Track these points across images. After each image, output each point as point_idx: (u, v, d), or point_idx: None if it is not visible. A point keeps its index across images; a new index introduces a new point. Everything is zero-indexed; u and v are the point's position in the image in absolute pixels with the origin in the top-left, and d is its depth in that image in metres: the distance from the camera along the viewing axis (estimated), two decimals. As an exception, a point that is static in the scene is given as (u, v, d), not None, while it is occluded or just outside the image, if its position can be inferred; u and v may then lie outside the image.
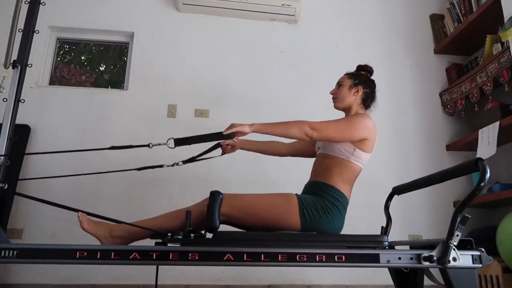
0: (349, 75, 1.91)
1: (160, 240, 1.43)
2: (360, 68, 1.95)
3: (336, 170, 1.68)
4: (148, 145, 1.66)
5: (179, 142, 1.70)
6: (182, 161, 1.81)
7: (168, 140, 1.69)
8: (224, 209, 1.53)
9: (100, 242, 1.56)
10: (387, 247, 1.44)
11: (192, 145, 1.71)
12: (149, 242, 1.46)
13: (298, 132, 1.61)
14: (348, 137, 1.67)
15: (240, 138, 1.74)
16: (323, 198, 1.62)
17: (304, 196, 1.64)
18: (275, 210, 1.57)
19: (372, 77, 1.96)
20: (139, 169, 1.75)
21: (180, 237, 1.37)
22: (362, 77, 1.89)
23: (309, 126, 1.61)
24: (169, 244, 1.37)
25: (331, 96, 1.92)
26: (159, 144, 1.67)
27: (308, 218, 1.56)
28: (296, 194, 1.64)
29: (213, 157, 1.94)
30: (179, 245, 1.34)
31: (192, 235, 1.40)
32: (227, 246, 1.32)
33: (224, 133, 1.69)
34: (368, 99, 1.88)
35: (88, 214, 1.53)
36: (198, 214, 1.52)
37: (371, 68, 1.96)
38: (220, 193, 1.51)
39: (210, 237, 1.44)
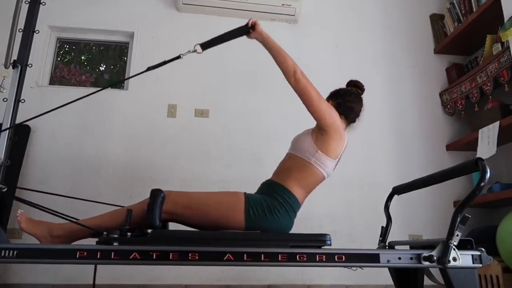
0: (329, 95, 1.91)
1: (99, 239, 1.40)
2: (347, 83, 1.96)
3: (295, 172, 1.67)
4: (179, 57, 1.67)
5: (205, 45, 1.76)
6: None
7: (195, 46, 1.73)
8: (168, 207, 1.51)
9: (39, 242, 1.52)
10: (330, 245, 1.42)
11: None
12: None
13: (291, 66, 1.65)
14: (319, 109, 1.64)
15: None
16: (272, 198, 1.60)
17: (253, 195, 1.62)
18: (220, 208, 1.55)
19: (361, 89, 1.92)
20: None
21: (116, 236, 1.34)
22: (335, 91, 1.89)
23: (301, 70, 1.65)
24: (115, 244, 1.33)
25: None
26: (189, 52, 1.69)
27: (253, 216, 1.54)
28: (245, 192, 1.61)
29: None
30: (117, 244, 1.32)
31: (129, 233, 1.37)
32: (164, 245, 1.30)
33: (241, 26, 1.74)
34: (341, 108, 1.80)
35: (31, 205, 1.49)
36: (140, 213, 1.49)
37: (356, 82, 1.93)
38: (161, 191, 1.48)
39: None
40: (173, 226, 1.64)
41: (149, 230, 1.45)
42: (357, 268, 1.57)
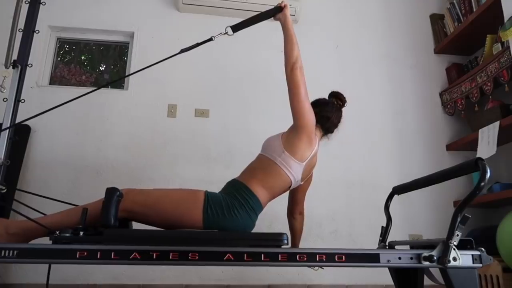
0: None
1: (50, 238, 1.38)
2: (329, 94, 1.97)
3: (260, 173, 1.66)
4: (211, 39, 1.71)
5: (237, 27, 1.80)
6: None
7: (226, 28, 1.78)
8: (126, 205, 1.49)
9: None
10: (287, 245, 1.40)
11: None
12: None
13: (294, 57, 1.72)
14: (302, 108, 1.64)
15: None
16: (233, 197, 1.58)
17: (213, 193, 1.60)
18: (179, 207, 1.53)
19: (342, 101, 1.94)
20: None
21: (68, 234, 1.32)
22: (315, 101, 1.89)
23: (301, 65, 1.72)
24: (76, 243, 1.32)
25: None
26: (220, 34, 1.74)
27: (212, 215, 1.52)
28: (206, 191, 1.60)
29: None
30: (69, 243, 1.30)
31: (81, 232, 1.35)
32: (117, 244, 1.28)
33: (274, 8, 1.81)
34: (318, 116, 1.78)
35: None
36: (97, 211, 1.45)
37: (337, 93, 1.94)
38: (117, 189, 1.46)
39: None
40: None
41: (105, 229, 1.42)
42: (318, 268, 1.57)
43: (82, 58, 3.19)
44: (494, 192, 2.52)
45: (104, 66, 3.18)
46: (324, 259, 1.30)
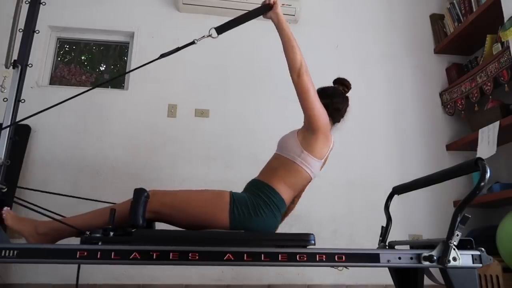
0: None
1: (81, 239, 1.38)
2: (333, 82, 1.94)
3: (280, 171, 1.66)
4: (193, 42, 1.63)
5: (221, 29, 1.70)
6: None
7: (210, 30, 1.68)
8: (153, 206, 1.50)
9: (26, 240, 1.53)
10: (314, 245, 1.40)
11: None
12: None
13: (299, 60, 1.65)
14: (314, 111, 1.62)
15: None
16: (257, 197, 1.59)
17: (238, 193, 1.61)
18: (205, 207, 1.54)
19: (348, 87, 1.92)
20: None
21: (99, 235, 1.34)
22: (324, 89, 1.85)
23: (306, 68, 1.64)
24: (100, 243, 1.33)
25: None
26: (204, 37, 1.64)
27: (238, 216, 1.52)
28: (231, 191, 1.60)
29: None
30: (100, 243, 1.31)
31: (111, 233, 1.36)
32: (146, 245, 1.29)
33: (260, 6, 1.69)
34: (329, 109, 1.77)
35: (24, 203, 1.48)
36: (124, 212, 1.47)
37: (343, 80, 1.92)
38: (145, 190, 1.48)
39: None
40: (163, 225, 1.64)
41: (133, 230, 1.43)
42: (342, 268, 1.57)
43: (82, 58, 3.19)
44: (494, 192, 2.52)
45: (104, 66, 3.18)
46: (324, 259, 1.30)
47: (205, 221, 1.53)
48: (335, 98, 1.83)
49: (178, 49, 1.63)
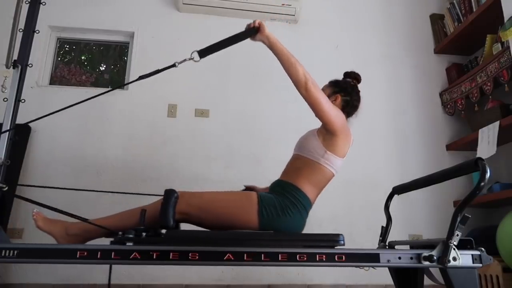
0: (330, 83, 1.89)
1: (113, 239, 1.40)
2: (345, 74, 1.93)
3: (304, 171, 1.67)
4: (174, 65, 1.61)
5: (204, 52, 1.66)
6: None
7: (192, 53, 1.65)
8: (181, 207, 1.51)
9: (56, 241, 1.54)
10: (344, 246, 1.42)
11: None
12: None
13: (302, 75, 1.59)
14: (330, 117, 1.62)
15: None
16: (284, 197, 1.60)
17: (265, 194, 1.62)
18: (233, 208, 1.55)
19: (360, 82, 1.91)
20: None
21: (132, 236, 1.34)
22: (343, 84, 1.86)
23: (313, 79, 1.60)
24: (128, 243, 1.34)
25: None
26: (185, 60, 1.62)
27: (266, 216, 1.54)
28: (257, 192, 1.61)
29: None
30: (131, 244, 1.32)
31: (144, 233, 1.38)
32: (179, 245, 1.30)
33: (245, 30, 1.67)
34: (348, 107, 1.83)
35: (63, 213, 1.49)
36: (153, 213, 1.49)
37: (357, 74, 1.91)
38: (175, 191, 1.48)
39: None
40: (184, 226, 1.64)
41: (163, 231, 1.44)
42: (369, 268, 1.57)
43: (82, 58, 3.19)
44: (494, 192, 2.52)
45: (104, 66, 3.18)
46: (324, 259, 1.30)
47: (233, 222, 1.54)
48: (354, 95, 1.85)
49: (158, 71, 1.64)
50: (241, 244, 1.34)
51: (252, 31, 1.65)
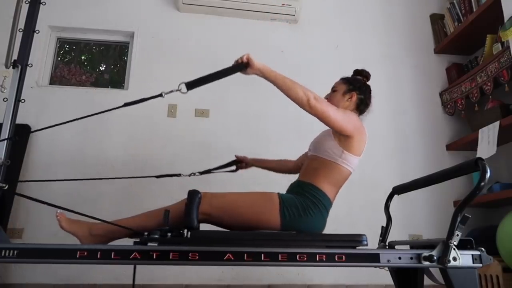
0: (344, 80, 1.88)
1: (139, 240, 1.41)
2: (356, 72, 1.93)
3: (322, 171, 1.67)
4: (160, 95, 1.62)
5: (191, 85, 1.65)
6: (199, 172, 1.90)
7: (179, 85, 1.65)
8: (203, 208, 1.51)
9: (79, 241, 1.55)
10: (367, 246, 1.42)
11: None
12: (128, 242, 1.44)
13: (302, 94, 1.58)
14: (341, 125, 1.61)
15: (247, 162, 1.97)
16: (304, 197, 1.61)
17: (286, 195, 1.63)
18: (255, 209, 1.56)
19: (369, 81, 1.92)
20: (157, 176, 1.78)
21: (157, 236, 1.35)
22: (357, 83, 1.86)
23: (314, 94, 1.59)
24: (149, 244, 1.35)
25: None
26: (171, 91, 1.62)
27: (288, 217, 1.54)
28: (278, 193, 1.62)
29: (228, 171, 2.05)
30: (156, 244, 1.33)
31: (169, 234, 1.38)
32: (204, 245, 1.30)
33: (233, 65, 1.71)
34: (362, 105, 1.84)
35: (71, 212, 1.50)
36: (177, 213, 1.50)
37: (367, 72, 1.92)
38: (198, 192, 1.50)
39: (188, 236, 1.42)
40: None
41: (185, 231, 1.45)
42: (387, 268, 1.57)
43: (82, 58, 3.19)
44: (494, 192, 2.52)
45: (104, 66, 3.18)
46: (324, 259, 1.30)
47: (255, 222, 1.54)
48: (368, 94, 1.87)
49: (143, 99, 1.68)
50: (263, 245, 1.35)
51: (241, 67, 1.67)
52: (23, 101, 1.57)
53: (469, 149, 2.82)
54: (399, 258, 1.33)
